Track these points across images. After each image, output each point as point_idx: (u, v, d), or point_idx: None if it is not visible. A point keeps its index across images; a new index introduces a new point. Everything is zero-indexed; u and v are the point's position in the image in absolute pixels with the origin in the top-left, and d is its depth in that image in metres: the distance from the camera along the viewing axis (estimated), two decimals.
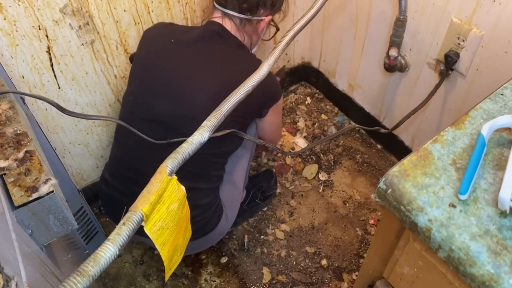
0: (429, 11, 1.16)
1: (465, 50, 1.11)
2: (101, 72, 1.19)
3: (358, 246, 1.40)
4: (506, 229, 0.51)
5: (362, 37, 1.45)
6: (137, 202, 0.53)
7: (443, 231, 0.52)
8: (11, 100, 0.74)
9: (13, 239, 0.51)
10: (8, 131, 0.68)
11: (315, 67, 1.80)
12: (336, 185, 1.56)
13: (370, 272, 0.78)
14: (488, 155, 0.59)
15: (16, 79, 1.04)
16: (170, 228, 0.59)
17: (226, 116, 0.67)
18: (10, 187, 0.61)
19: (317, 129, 1.73)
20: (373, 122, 1.62)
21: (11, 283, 0.42)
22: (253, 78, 0.72)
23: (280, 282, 1.33)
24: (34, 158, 0.65)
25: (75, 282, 0.43)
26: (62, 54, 1.08)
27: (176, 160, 0.59)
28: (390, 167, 0.61)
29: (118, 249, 0.48)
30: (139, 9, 1.14)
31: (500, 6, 0.99)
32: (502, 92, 0.66)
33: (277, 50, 0.76)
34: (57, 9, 1.00)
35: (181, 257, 0.68)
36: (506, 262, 0.48)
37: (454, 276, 0.56)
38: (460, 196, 0.54)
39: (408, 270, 0.64)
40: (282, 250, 1.40)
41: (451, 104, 1.27)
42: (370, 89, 1.56)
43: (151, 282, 1.33)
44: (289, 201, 1.52)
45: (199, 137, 0.62)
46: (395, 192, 0.57)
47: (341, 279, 1.33)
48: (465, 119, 0.63)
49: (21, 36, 0.98)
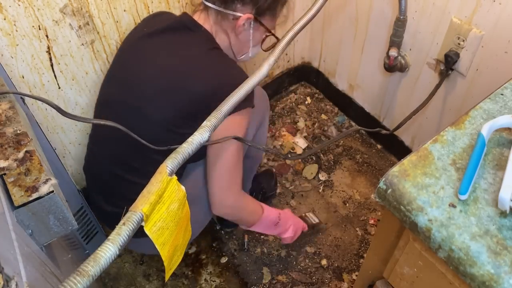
0: (429, 11, 1.16)
1: (465, 50, 1.11)
2: (101, 72, 1.19)
3: (358, 246, 1.40)
4: (506, 229, 0.51)
5: (362, 37, 1.45)
6: (137, 202, 0.53)
7: (443, 231, 0.52)
8: (11, 100, 0.74)
9: (13, 239, 0.51)
10: (8, 131, 0.68)
11: (315, 67, 1.80)
12: (336, 185, 1.56)
13: (370, 272, 0.78)
14: (488, 155, 0.59)
15: (16, 79, 1.04)
16: (170, 228, 0.59)
17: (226, 116, 0.67)
18: (10, 187, 0.61)
19: (317, 129, 1.73)
20: (373, 122, 1.62)
21: (11, 283, 0.42)
22: (253, 78, 0.72)
23: (280, 282, 1.33)
24: (34, 158, 0.65)
25: (75, 282, 0.43)
26: (62, 54, 1.08)
27: (176, 160, 0.59)
28: (390, 167, 0.61)
29: (118, 249, 0.48)
30: (139, 9, 1.14)
31: (500, 6, 0.99)
32: (502, 92, 0.66)
33: (277, 50, 0.76)
34: (57, 9, 1.00)
35: (181, 257, 0.68)
36: (506, 262, 0.48)
37: (454, 276, 0.56)
38: (460, 196, 0.54)
39: (408, 270, 0.64)
40: (282, 250, 1.40)
41: (451, 104, 1.27)
42: (370, 89, 1.56)
43: (151, 282, 1.33)
44: (289, 201, 1.52)
45: (199, 137, 0.62)
46: (395, 192, 0.57)
47: (341, 279, 1.33)
48: (465, 119, 0.63)
49: (21, 36, 0.98)
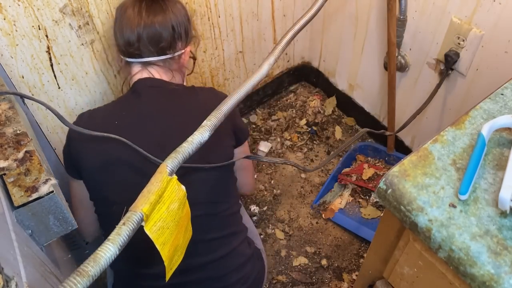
0: (429, 11, 1.16)
1: (465, 50, 1.11)
2: (101, 72, 1.19)
3: (358, 246, 1.40)
4: (506, 229, 0.51)
5: (362, 37, 1.45)
6: (137, 202, 0.53)
7: (443, 231, 0.52)
8: (11, 100, 0.74)
9: (13, 239, 0.51)
10: (8, 131, 0.68)
11: (315, 67, 1.80)
12: None
13: (370, 272, 0.78)
14: (488, 155, 0.59)
15: (16, 79, 1.04)
16: (170, 228, 0.59)
17: (226, 115, 0.67)
18: (10, 187, 0.61)
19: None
20: (373, 122, 1.62)
21: (11, 283, 0.42)
22: (253, 78, 0.72)
23: (280, 282, 1.33)
24: (34, 158, 0.65)
25: (75, 282, 0.43)
26: (62, 54, 1.08)
27: (176, 159, 0.59)
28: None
29: (118, 249, 0.48)
30: None
31: (500, 6, 0.99)
32: (502, 92, 0.66)
33: (277, 50, 0.76)
34: (57, 9, 1.00)
35: (181, 257, 0.68)
36: (506, 262, 0.48)
37: (454, 276, 0.56)
38: (460, 196, 0.54)
39: (408, 270, 0.64)
40: (282, 250, 1.40)
41: (451, 104, 1.27)
42: (370, 89, 1.56)
43: None
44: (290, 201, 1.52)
45: (199, 136, 0.62)
46: (395, 192, 0.57)
47: (341, 279, 1.33)
48: (465, 119, 0.63)
49: (21, 36, 0.98)
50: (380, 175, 1.51)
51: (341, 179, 1.52)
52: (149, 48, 0.95)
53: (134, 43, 0.94)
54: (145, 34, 0.94)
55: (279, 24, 1.55)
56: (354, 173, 1.53)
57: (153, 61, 0.97)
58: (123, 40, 0.96)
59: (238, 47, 1.49)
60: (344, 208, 1.47)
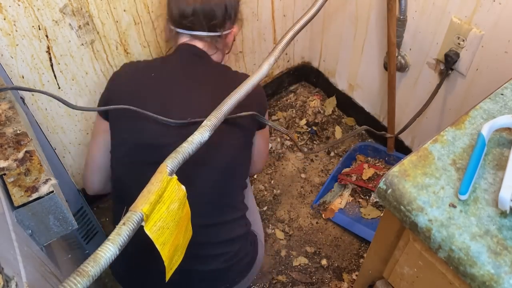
0: (429, 11, 1.16)
1: (465, 50, 1.11)
2: (101, 72, 1.19)
3: (358, 246, 1.40)
4: (506, 229, 0.51)
5: (362, 37, 1.45)
6: (137, 202, 0.53)
7: (443, 231, 0.52)
8: (11, 100, 0.74)
9: (13, 239, 0.51)
10: (8, 131, 0.68)
11: (315, 67, 1.80)
12: None
13: (370, 272, 0.78)
14: (488, 155, 0.59)
15: (16, 79, 1.04)
16: (170, 228, 0.59)
17: (226, 115, 0.67)
18: (10, 187, 0.61)
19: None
20: (373, 122, 1.62)
21: (11, 283, 0.42)
22: (253, 78, 0.72)
23: (280, 282, 1.33)
24: (34, 158, 0.65)
25: (75, 282, 0.43)
26: (62, 54, 1.08)
27: (176, 159, 0.59)
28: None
29: (118, 249, 0.48)
30: (139, 9, 1.14)
31: (500, 6, 0.99)
32: (502, 92, 0.66)
33: (277, 50, 0.76)
34: (57, 9, 1.00)
35: (181, 257, 0.68)
36: (506, 262, 0.48)
37: (454, 276, 0.56)
38: (460, 196, 0.54)
39: (408, 270, 0.64)
40: (282, 250, 1.40)
41: (451, 104, 1.27)
42: (370, 89, 1.56)
43: None
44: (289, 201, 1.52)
45: (199, 136, 0.62)
46: (395, 192, 0.57)
47: (341, 279, 1.33)
48: (465, 119, 0.63)
49: (21, 36, 0.98)
50: (380, 175, 1.51)
51: (341, 179, 1.52)
52: (202, 23, 1.00)
53: (188, 16, 0.99)
54: (201, 9, 0.99)
55: (279, 24, 1.55)
56: (354, 173, 1.53)
57: (202, 36, 1.02)
58: (178, 12, 1.00)
59: (238, 47, 1.49)
60: (344, 208, 1.47)
